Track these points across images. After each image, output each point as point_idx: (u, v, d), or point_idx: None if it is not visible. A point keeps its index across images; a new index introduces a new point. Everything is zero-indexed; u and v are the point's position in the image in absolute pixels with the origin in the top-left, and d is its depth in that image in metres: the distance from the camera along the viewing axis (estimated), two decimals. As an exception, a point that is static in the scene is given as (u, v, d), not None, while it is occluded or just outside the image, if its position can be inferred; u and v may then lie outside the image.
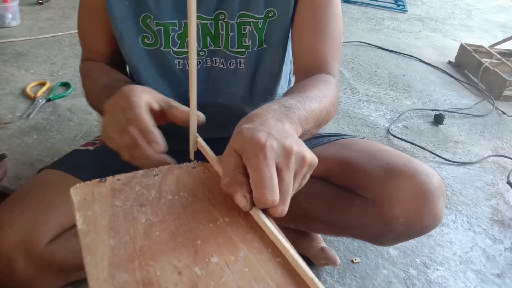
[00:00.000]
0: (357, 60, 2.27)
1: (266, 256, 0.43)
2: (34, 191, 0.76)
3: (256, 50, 0.78)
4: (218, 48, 0.78)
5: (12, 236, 0.69)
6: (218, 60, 0.79)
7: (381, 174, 0.73)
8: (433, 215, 0.72)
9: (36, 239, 0.70)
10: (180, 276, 0.40)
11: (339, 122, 1.68)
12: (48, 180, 0.79)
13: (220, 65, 0.79)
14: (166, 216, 0.47)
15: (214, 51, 0.78)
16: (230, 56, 0.78)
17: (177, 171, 0.54)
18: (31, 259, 0.70)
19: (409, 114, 1.82)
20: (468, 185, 1.42)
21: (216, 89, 0.82)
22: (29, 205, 0.72)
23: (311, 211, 0.81)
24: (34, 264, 0.70)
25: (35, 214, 0.71)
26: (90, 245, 0.42)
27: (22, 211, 0.71)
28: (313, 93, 0.63)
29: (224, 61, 0.79)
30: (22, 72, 1.70)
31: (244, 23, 0.75)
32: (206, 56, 0.78)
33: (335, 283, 0.97)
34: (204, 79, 0.80)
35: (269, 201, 0.43)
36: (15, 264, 0.69)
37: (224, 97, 0.82)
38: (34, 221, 0.70)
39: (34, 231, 0.70)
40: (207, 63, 0.79)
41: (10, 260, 0.69)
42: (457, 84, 2.20)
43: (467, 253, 1.13)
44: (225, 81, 0.81)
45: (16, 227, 0.69)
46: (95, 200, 0.48)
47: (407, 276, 1.03)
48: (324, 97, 0.65)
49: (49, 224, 0.71)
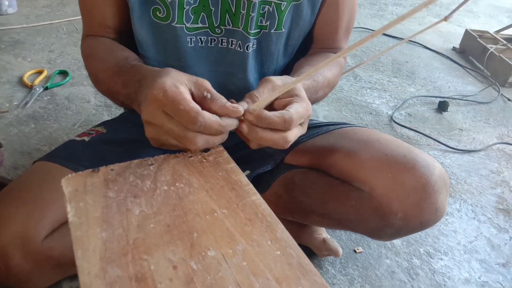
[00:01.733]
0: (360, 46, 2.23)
1: (265, 249, 0.41)
2: (28, 185, 0.74)
3: (274, 33, 0.73)
4: (236, 29, 0.72)
5: (8, 232, 0.66)
6: (235, 42, 0.73)
7: (378, 166, 0.69)
8: (433, 209, 0.68)
9: (33, 234, 0.68)
10: (175, 270, 0.38)
11: (341, 109, 1.66)
12: (43, 173, 0.76)
13: (236, 48, 0.74)
14: (161, 207, 0.45)
15: (232, 32, 0.72)
16: (248, 39, 0.72)
17: (173, 160, 0.52)
18: (28, 255, 0.68)
19: (412, 101, 1.79)
20: (473, 173, 1.40)
21: (229, 74, 0.76)
22: (24, 199, 0.70)
23: (307, 204, 0.79)
24: (31, 259, 0.68)
25: (31, 209, 0.69)
26: (82, 238, 0.40)
27: (17, 206, 0.69)
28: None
29: (241, 43, 0.73)
30: (19, 60, 1.67)
31: (266, 3, 0.71)
32: (222, 35, 0.73)
33: (337, 273, 0.96)
34: (218, 61, 0.75)
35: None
36: (11, 261, 0.67)
37: (236, 83, 0.77)
38: (29, 216, 0.68)
39: (30, 226, 0.68)
40: (223, 43, 0.74)
41: (7, 256, 0.67)
42: (461, 71, 2.16)
43: (472, 242, 1.11)
44: (241, 65, 0.75)
45: (12, 222, 0.67)
46: (88, 191, 0.46)
47: (411, 266, 1.01)
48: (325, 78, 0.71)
49: (45, 218, 0.69)
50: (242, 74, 0.76)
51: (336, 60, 0.77)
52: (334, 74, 0.75)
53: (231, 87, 0.77)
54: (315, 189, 0.76)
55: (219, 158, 0.53)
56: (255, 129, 0.53)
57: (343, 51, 0.50)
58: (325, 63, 0.52)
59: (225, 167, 0.52)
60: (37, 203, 0.69)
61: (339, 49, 0.81)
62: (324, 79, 0.72)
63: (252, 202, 0.47)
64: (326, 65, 0.52)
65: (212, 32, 0.72)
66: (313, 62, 0.74)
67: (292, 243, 0.42)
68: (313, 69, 0.53)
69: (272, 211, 0.46)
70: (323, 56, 0.78)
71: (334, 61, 0.50)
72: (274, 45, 0.75)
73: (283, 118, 0.53)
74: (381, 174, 0.69)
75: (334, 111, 1.63)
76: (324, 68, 0.72)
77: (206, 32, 0.72)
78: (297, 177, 0.79)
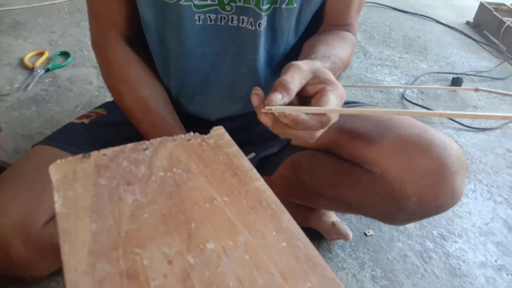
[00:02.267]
0: (370, 22, 2.16)
1: (270, 241, 0.38)
2: (26, 170, 0.71)
3: (285, 8, 0.68)
4: (247, 6, 0.66)
5: (7, 219, 0.65)
6: (246, 20, 0.68)
7: (391, 147, 0.65)
8: (450, 192, 0.64)
9: (32, 221, 0.66)
10: (171, 265, 0.35)
11: (351, 88, 1.60)
12: (41, 158, 0.74)
13: (248, 26, 0.68)
14: (157, 195, 0.41)
15: (243, 9, 0.67)
16: (260, 16, 0.67)
17: (170, 144, 0.48)
18: (28, 242, 0.66)
19: (425, 78, 1.73)
20: (488, 152, 1.34)
21: (240, 54, 0.71)
22: (22, 185, 0.68)
23: (315, 187, 0.75)
24: (31, 246, 0.67)
25: (30, 195, 0.67)
26: (69, 231, 0.37)
27: (15, 192, 0.67)
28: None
29: (253, 21, 0.67)
30: (20, 42, 1.63)
31: None
32: (233, 13, 0.68)
33: (347, 257, 0.93)
34: (227, 41, 0.70)
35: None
36: (11, 248, 0.66)
37: (246, 64, 0.72)
38: (28, 202, 0.66)
39: (30, 212, 0.66)
40: (233, 22, 0.68)
41: (6, 244, 0.65)
42: (475, 46, 2.08)
43: (487, 224, 1.07)
44: (252, 45, 0.70)
45: (10, 209, 0.65)
46: (77, 179, 0.42)
47: (424, 249, 0.98)
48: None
49: (44, 204, 0.67)
50: (253, 55, 0.71)
51: (349, 39, 0.73)
52: (348, 54, 0.70)
53: (240, 69, 0.72)
54: (324, 171, 0.73)
55: (220, 141, 0.49)
56: (285, 130, 0.50)
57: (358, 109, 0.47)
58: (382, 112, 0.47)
59: (226, 150, 0.48)
60: (35, 189, 0.67)
61: (350, 26, 0.75)
62: (340, 61, 0.66)
63: (255, 189, 0.43)
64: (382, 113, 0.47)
65: (222, 10, 0.67)
66: (325, 41, 0.69)
67: (299, 233, 0.39)
68: (367, 111, 0.48)
69: (278, 198, 0.43)
70: (334, 34, 0.72)
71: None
72: (286, 22, 0.70)
73: (320, 121, 0.49)
74: (394, 156, 0.65)
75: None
76: (339, 49, 0.67)
77: (216, 9, 0.66)
78: (304, 159, 0.75)
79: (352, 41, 0.74)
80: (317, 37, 0.72)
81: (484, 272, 0.94)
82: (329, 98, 0.49)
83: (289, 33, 0.72)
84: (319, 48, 0.65)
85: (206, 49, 0.70)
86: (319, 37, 0.71)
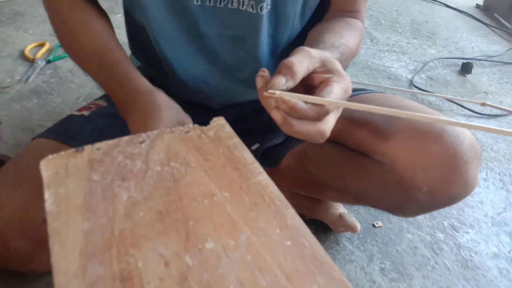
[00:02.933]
0: (376, 6, 2.11)
1: (274, 239, 0.35)
2: (25, 164, 0.70)
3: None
4: None
5: (6, 214, 0.64)
6: (246, 2, 0.65)
7: (400, 136, 0.62)
8: (463, 182, 0.62)
9: (32, 215, 0.65)
10: (167, 267, 0.32)
11: (357, 75, 1.57)
12: (40, 151, 0.72)
13: (248, 8, 0.65)
14: (153, 192, 0.39)
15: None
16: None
17: (168, 136, 0.46)
18: (27, 236, 0.65)
19: (434, 64, 1.69)
20: (500, 139, 1.31)
21: (240, 39, 0.69)
22: (21, 179, 0.66)
23: (322, 178, 0.72)
24: (30, 241, 0.66)
25: (28, 190, 0.65)
26: (60, 230, 0.35)
27: (14, 187, 0.66)
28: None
29: (254, 3, 0.64)
30: (20, 33, 1.61)
31: None
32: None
33: (355, 249, 0.91)
34: (227, 24, 0.67)
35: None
36: (11, 243, 0.65)
37: (247, 49, 0.70)
38: (28, 196, 0.65)
39: (29, 207, 0.65)
40: (233, 3, 0.65)
41: (6, 238, 0.64)
42: (486, 30, 2.03)
43: (500, 214, 1.04)
44: (253, 29, 0.67)
45: (9, 204, 0.64)
46: (70, 174, 0.40)
47: (434, 241, 0.95)
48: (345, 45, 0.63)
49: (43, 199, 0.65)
50: (254, 40, 0.68)
51: (357, 27, 0.70)
52: (356, 43, 0.67)
53: (241, 54, 0.70)
54: (330, 162, 0.70)
55: (220, 132, 0.47)
56: (289, 123, 0.47)
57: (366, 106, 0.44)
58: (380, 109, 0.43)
59: (227, 142, 0.46)
60: (34, 183, 0.66)
61: (357, 12, 0.72)
62: (348, 50, 0.63)
63: (258, 183, 0.41)
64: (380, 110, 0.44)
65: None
66: (333, 29, 0.66)
67: (305, 231, 0.36)
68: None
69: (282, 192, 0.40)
70: (342, 22, 0.69)
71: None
72: (291, 5, 0.66)
73: (318, 112, 0.46)
74: (403, 145, 0.62)
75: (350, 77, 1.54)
76: (348, 37, 0.64)
77: None
78: (310, 149, 0.73)
79: (360, 29, 0.71)
80: (324, 24, 0.69)
81: (497, 264, 0.91)
82: (332, 88, 0.47)
83: (295, 18, 0.69)
84: (327, 37, 0.62)
85: (205, 31, 0.68)
86: (326, 25, 0.68)
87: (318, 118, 0.46)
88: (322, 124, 0.47)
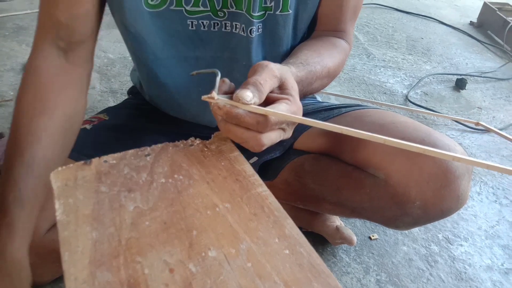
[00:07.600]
0: (372, 23, 2.15)
1: (273, 248, 0.37)
2: None
3: (280, 15, 0.68)
4: (239, 11, 0.66)
5: None
6: (238, 26, 0.68)
7: (394, 151, 0.64)
8: (455, 197, 0.63)
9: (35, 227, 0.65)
10: (172, 274, 0.34)
11: (354, 90, 1.60)
12: None
13: (240, 32, 0.68)
14: (158, 202, 0.41)
15: (235, 15, 0.67)
16: (252, 22, 0.67)
17: (172, 149, 0.48)
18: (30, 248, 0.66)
19: (428, 80, 1.72)
20: (494, 154, 1.33)
21: (234, 60, 0.71)
22: None
23: (319, 192, 0.74)
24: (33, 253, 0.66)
25: None
26: (70, 239, 0.37)
27: None
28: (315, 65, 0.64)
29: (245, 27, 0.67)
30: (23, 47, 1.64)
31: None
32: (226, 19, 0.68)
33: (352, 261, 0.92)
34: (221, 46, 0.70)
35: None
36: None
37: (240, 70, 0.72)
38: None
39: None
40: (226, 27, 0.68)
41: None
42: (480, 46, 2.07)
43: (493, 227, 1.06)
44: (245, 51, 0.70)
45: None
46: (78, 186, 0.42)
47: (429, 253, 0.97)
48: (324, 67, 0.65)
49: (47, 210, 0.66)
50: (246, 61, 0.70)
51: (341, 46, 0.72)
52: (337, 63, 0.69)
53: (235, 75, 0.72)
54: (327, 176, 0.72)
55: (222, 146, 0.49)
56: (225, 123, 0.46)
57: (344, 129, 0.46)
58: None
59: (228, 155, 0.48)
60: None
61: (343, 33, 0.74)
62: (323, 69, 0.64)
63: (257, 195, 0.43)
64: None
65: (215, 16, 0.66)
66: (313, 47, 0.68)
67: (302, 241, 0.38)
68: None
69: (281, 204, 0.42)
70: (325, 41, 0.71)
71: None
72: (282, 28, 0.69)
73: (257, 120, 0.45)
74: (397, 160, 0.64)
75: (346, 92, 1.57)
76: (326, 56, 0.66)
77: (209, 15, 0.66)
78: (307, 163, 0.74)
79: (344, 49, 0.73)
80: (307, 41, 0.71)
81: (490, 276, 0.93)
82: (279, 106, 0.47)
83: (288, 39, 0.72)
84: (303, 53, 0.64)
85: (200, 54, 0.70)
86: (308, 42, 0.71)
87: (257, 127, 0.45)
88: (260, 134, 0.46)
